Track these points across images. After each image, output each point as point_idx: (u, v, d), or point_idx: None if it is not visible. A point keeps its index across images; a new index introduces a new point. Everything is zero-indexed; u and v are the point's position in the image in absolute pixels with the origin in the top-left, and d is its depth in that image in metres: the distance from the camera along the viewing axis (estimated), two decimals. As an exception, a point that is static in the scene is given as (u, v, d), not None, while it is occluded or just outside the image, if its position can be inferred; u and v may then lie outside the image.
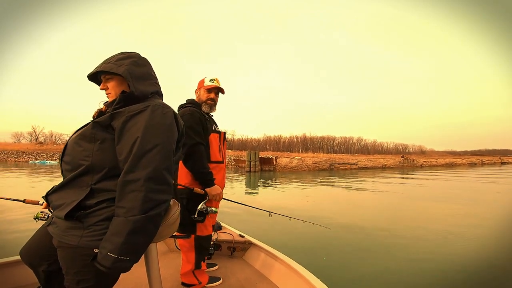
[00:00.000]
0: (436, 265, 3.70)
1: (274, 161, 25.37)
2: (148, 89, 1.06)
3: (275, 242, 2.57)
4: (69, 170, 0.97)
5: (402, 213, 7.13)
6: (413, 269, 3.57)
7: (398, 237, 4.91)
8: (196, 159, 1.68)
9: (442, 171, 28.30)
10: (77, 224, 0.90)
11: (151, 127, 0.94)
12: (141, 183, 0.88)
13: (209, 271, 2.05)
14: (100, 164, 0.94)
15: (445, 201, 9.04)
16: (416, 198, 9.87)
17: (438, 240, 4.80)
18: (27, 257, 1.11)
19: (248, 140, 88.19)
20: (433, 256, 4.01)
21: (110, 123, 0.96)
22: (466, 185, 14.43)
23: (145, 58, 1.14)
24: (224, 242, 2.38)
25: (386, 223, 5.96)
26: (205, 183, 1.71)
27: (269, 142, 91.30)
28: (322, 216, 6.46)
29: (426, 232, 5.24)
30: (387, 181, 16.04)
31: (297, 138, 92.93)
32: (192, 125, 1.70)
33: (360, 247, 4.34)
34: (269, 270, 2.02)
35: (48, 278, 1.10)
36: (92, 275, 0.91)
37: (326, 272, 3.31)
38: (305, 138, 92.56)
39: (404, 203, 8.77)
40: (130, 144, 0.91)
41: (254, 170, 22.63)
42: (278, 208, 7.27)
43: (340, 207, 7.96)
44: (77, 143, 0.97)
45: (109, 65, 1.04)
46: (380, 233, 5.16)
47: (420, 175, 21.89)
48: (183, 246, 1.78)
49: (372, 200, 9.37)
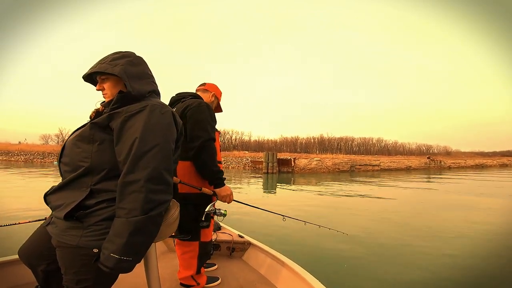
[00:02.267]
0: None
1: (292, 162, 24.74)
2: (145, 88, 1.06)
3: (287, 247, 2.38)
4: (69, 171, 0.97)
5: (437, 222, 6.29)
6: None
7: (432, 250, 4.22)
8: (210, 155, 1.58)
9: (472, 173, 26.54)
10: (76, 224, 0.91)
11: (150, 127, 0.94)
12: (141, 183, 0.88)
13: (208, 271, 2.03)
14: (99, 165, 0.94)
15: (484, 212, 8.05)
16: (454, 206, 8.92)
17: (487, 259, 4.03)
18: (26, 257, 1.11)
19: (265, 141, 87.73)
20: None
21: (108, 124, 0.95)
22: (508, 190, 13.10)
23: (141, 57, 1.13)
24: (223, 242, 2.36)
25: (417, 232, 5.23)
26: (215, 182, 1.61)
27: (285, 143, 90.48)
28: (341, 221, 5.91)
29: (471, 248, 4.49)
30: (419, 185, 14.98)
31: (314, 139, 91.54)
32: (209, 118, 1.62)
33: (381, 259, 3.82)
34: (268, 270, 2.01)
35: (46, 278, 1.10)
36: (91, 275, 0.92)
37: (340, 280, 3.19)
38: (322, 139, 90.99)
39: (439, 210, 7.90)
40: (129, 145, 0.91)
41: (272, 172, 22.22)
42: (295, 210, 6.77)
43: (362, 211, 7.25)
44: (76, 144, 0.97)
45: (104, 66, 1.02)
46: (407, 243, 4.53)
47: (450, 177, 20.46)
48: (184, 253, 1.69)
49: (400, 205, 8.55)
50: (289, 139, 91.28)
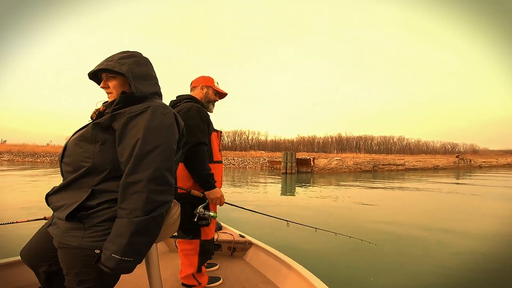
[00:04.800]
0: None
1: (312, 162, 23.99)
2: (149, 90, 1.06)
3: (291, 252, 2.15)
4: (70, 172, 0.97)
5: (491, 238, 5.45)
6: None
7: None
8: (198, 159, 1.60)
9: (505, 173, 24.61)
10: (78, 225, 0.90)
11: (152, 128, 0.94)
12: (143, 184, 0.88)
13: (209, 271, 2.04)
14: (101, 165, 0.94)
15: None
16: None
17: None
18: (28, 258, 1.11)
19: (281, 141, 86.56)
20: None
21: (111, 124, 0.95)
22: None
23: (147, 57, 1.13)
24: (224, 242, 2.35)
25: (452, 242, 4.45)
26: (205, 185, 1.64)
27: (302, 142, 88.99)
28: (367, 228, 5.23)
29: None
30: (458, 189, 13.85)
31: (332, 138, 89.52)
32: (198, 122, 1.64)
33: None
34: (270, 270, 2.00)
35: (48, 279, 1.10)
36: (93, 276, 0.91)
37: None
38: (340, 138, 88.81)
39: (483, 217, 6.98)
40: (131, 146, 0.91)
41: (291, 172, 21.61)
42: (324, 217, 6.12)
43: (387, 216, 6.50)
44: (78, 144, 0.97)
45: (112, 63, 1.02)
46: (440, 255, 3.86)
47: (487, 178, 18.92)
48: (185, 250, 1.72)
49: (432, 210, 7.69)
50: (306, 138, 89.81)
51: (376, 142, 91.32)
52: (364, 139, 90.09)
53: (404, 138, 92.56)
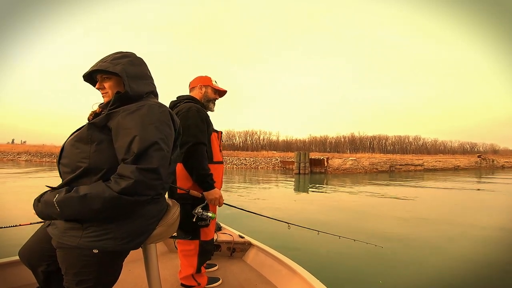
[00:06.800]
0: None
1: (326, 163, 23.42)
2: (143, 89, 1.07)
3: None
4: (68, 172, 0.96)
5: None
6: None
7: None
8: (197, 159, 1.59)
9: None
10: (76, 225, 0.91)
11: (148, 125, 0.94)
12: (135, 174, 0.88)
13: (209, 272, 2.03)
14: (98, 165, 0.94)
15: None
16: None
17: None
18: (26, 258, 1.11)
19: (293, 141, 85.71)
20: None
21: (106, 124, 0.96)
22: None
23: (141, 58, 1.14)
24: (223, 243, 2.34)
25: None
26: (204, 185, 1.62)
27: (314, 142, 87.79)
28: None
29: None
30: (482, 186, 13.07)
31: (344, 138, 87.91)
32: (198, 122, 1.63)
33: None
34: (269, 271, 2.00)
35: (47, 279, 1.10)
36: (91, 276, 0.92)
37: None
38: (353, 137, 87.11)
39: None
40: (128, 142, 0.91)
41: (304, 172, 21.17)
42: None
43: (402, 219, 5.99)
44: (74, 145, 0.97)
45: (106, 64, 1.03)
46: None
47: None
48: (184, 251, 1.71)
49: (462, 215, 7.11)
50: (318, 138, 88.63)
51: (391, 142, 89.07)
52: (378, 139, 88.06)
53: (420, 137, 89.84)
